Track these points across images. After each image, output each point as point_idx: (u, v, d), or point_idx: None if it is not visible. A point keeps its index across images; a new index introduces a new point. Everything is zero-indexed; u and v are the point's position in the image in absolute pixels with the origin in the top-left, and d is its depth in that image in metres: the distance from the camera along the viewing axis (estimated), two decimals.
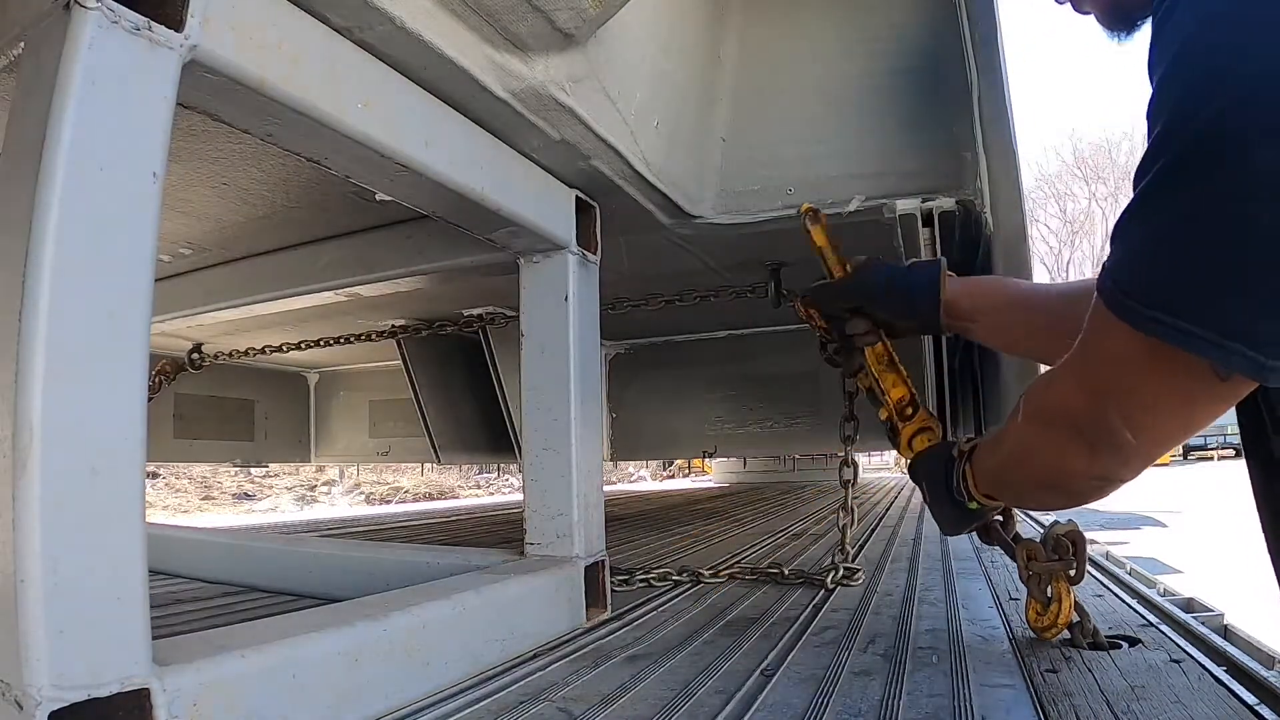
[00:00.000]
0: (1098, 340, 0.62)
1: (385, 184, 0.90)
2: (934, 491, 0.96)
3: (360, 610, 0.78)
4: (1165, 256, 0.53)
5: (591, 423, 1.15)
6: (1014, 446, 0.80)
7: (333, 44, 0.73)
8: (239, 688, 0.60)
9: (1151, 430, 0.62)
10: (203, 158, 1.19)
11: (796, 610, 1.17)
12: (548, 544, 1.11)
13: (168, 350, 2.66)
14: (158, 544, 1.57)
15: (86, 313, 0.50)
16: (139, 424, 0.53)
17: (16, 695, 0.47)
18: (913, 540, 2.02)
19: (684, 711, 0.73)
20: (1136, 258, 0.56)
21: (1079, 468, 0.69)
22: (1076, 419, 0.67)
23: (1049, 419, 0.72)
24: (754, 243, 1.55)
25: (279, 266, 1.68)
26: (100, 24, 0.51)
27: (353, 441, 3.59)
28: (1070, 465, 0.70)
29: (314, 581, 1.32)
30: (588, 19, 0.85)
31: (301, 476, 9.63)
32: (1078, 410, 0.66)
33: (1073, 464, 0.70)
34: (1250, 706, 0.69)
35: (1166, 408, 0.60)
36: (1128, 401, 0.61)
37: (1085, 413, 0.65)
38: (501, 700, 0.78)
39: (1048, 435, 0.73)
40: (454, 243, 1.35)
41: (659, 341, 3.08)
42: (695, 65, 1.27)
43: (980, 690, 0.76)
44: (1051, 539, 0.92)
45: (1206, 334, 0.50)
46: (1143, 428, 0.62)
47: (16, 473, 0.47)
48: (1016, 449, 0.80)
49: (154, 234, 0.55)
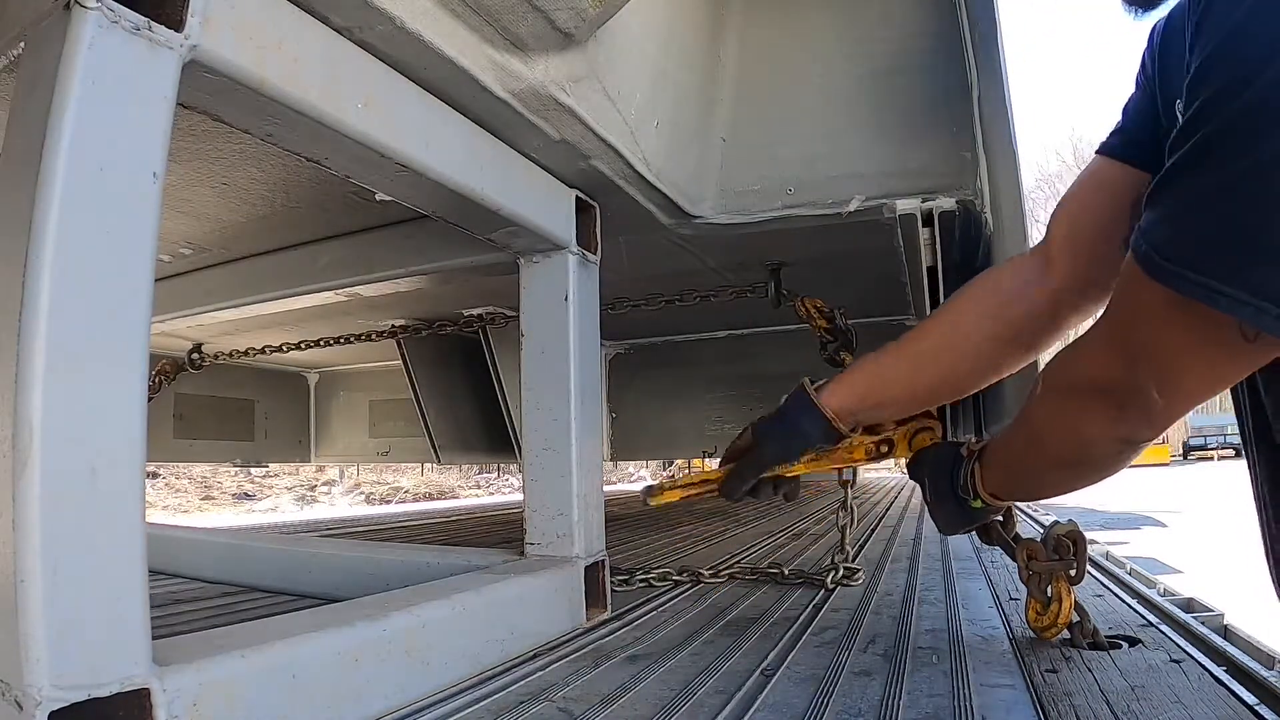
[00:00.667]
0: (1129, 300, 0.63)
1: (385, 184, 0.90)
2: (936, 488, 0.95)
3: (360, 610, 0.78)
4: (1200, 217, 0.54)
5: (591, 423, 1.15)
6: (1033, 425, 0.80)
7: (333, 44, 0.73)
8: (239, 688, 0.60)
9: (1178, 389, 0.63)
10: (203, 158, 1.19)
11: (796, 610, 1.17)
12: (548, 544, 1.11)
13: (168, 350, 2.66)
14: (158, 544, 1.57)
15: (86, 313, 0.50)
16: (139, 424, 0.53)
17: (16, 695, 0.47)
18: (913, 540, 2.02)
19: (684, 711, 0.73)
20: (1171, 219, 0.56)
21: (1103, 431, 0.70)
22: (1104, 380, 0.68)
23: (1072, 385, 0.73)
24: (754, 243, 1.55)
25: (279, 266, 1.68)
26: (100, 24, 0.51)
27: (353, 441, 3.59)
28: (1094, 430, 0.71)
29: (314, 582, 1.32)
30: (588, 19, 0.85)
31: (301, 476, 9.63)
32: (1106, 370, 0.67)
33: (1097, 428, 0.70)
34: (1250, 706, 0.69)
35: (1194, 367, 0.61)
36: (1157, 359, 0.62)
37: (1114, 372, 0.66)
38: (501, 700, 0.78)
39: (1070, 402, 0.73)
40: (454, 243, 1.35)
41: (659, 341, 3.08)
42: (695, 65, 1.27)
43: (980, 690, 0.76)
44: (1052, 539, 0.92)
45: (1236, 293, 0.51)
46: (1169, 386, 0.63)
47: (16, 472, 0.47)
48: (1036, 427, 0.80)
49: (154, 234, 0.55)
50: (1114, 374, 0.66)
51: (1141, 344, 0.63)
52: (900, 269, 1.47)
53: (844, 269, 1.78)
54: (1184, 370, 0.62)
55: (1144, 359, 0.63)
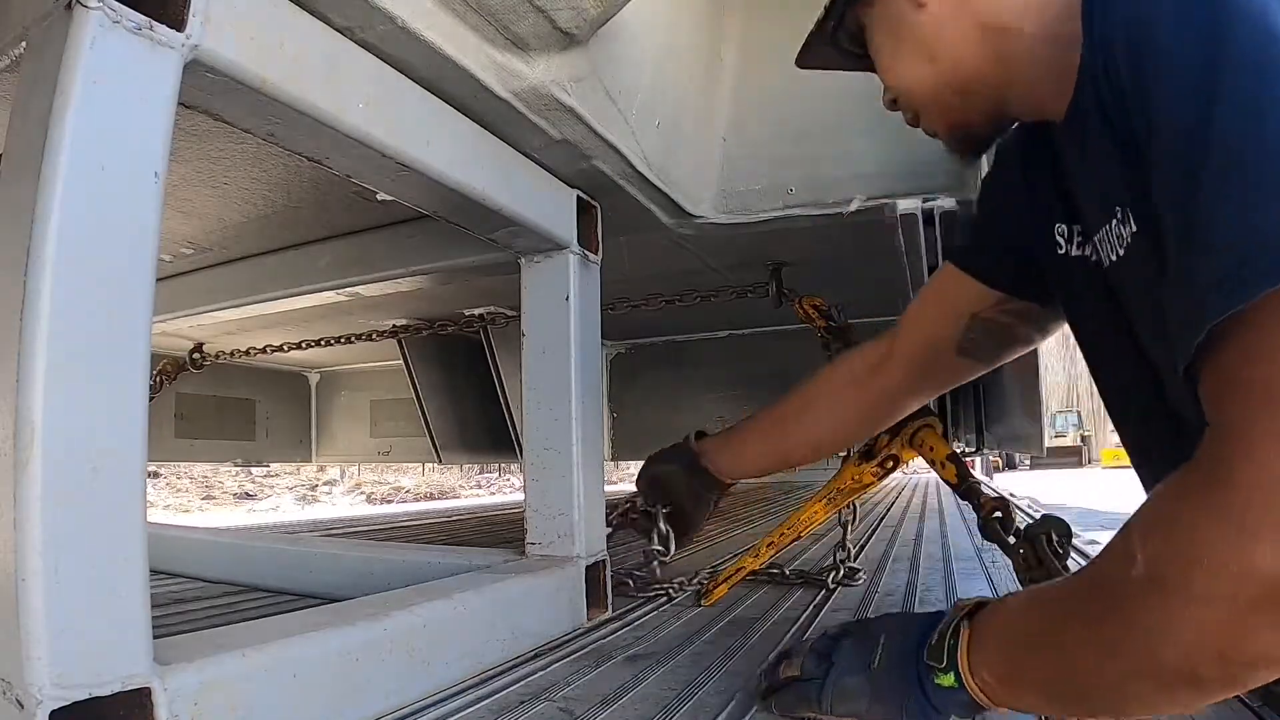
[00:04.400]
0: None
1: (387, 184, 0.90)
2: (888, 651, 0.63)
3: (361, 610, 0.78)
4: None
5: (592, 422, 1.15)
6: (1117, 619, 0.48)
7: (334, 43, 0.73)
8: (240, 687, 0.60)
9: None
10: (204, 157, 1.19)
11: (797, 610, 1.17)
12: (549, 544, 1.11)
13: (169, 350, 2.66)
14: (159, 543, 1.58)
15: (88, 312, 0.50)
16: (140, 423, 0.53)
17: (17, 694, 0.47)
18: (914, 540, 2.02)
19: (685, 711, 0.73)
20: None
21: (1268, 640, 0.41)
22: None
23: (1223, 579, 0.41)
24: (754, 242, 1.55)
25: (280, 266, 1.68)
26: (102, 24, 0.51)
27: (354, 441, 3.59)
28: (1253, 640, 0.41)
29: (315, 581, 1.32)
30: (588, 19, 0.85)
31: (302, 476, 9.65)
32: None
33: (1258, 637, 0.41)
34: (1251, 707, 0.69)
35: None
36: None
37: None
38: (502, 700, 0.78)
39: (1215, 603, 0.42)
40: (455, 243, 1.35)
41: (659, 341, 3.08)
42: (696, 65, 1.27)
43: None
44: (1029, 541, 0.92)
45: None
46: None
47: (17, 472, 0.47)
48: (1125, 621, 0.47)
49: (155, 234, 0.55)
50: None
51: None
52: (901, 269, 1.47)
53: (845, 269, 1.78)
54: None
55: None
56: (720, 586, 1.24)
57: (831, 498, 1.18)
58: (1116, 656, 0.47)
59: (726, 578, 1.26)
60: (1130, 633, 0.46)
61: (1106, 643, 0.48)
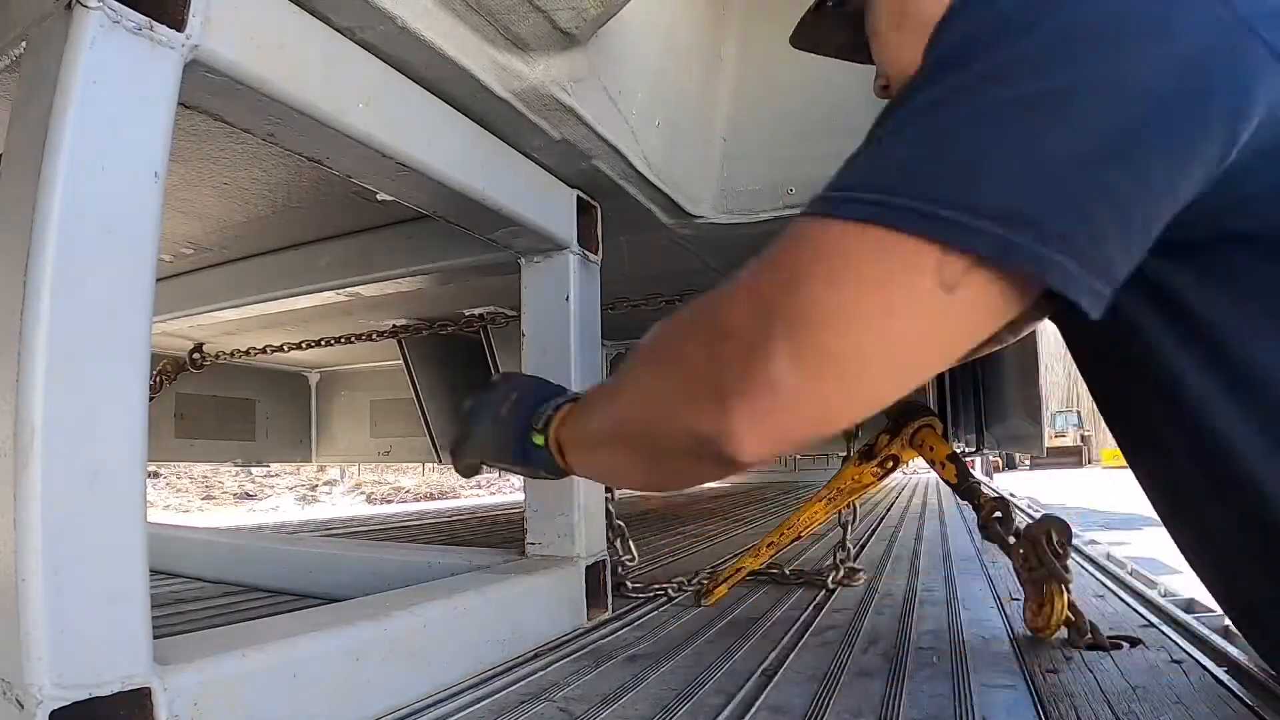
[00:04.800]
0: (787, 248, 0.50)
1: (387, 184, 0.90)
2: (513, 403, 0.72)
3: (361, 610, 0.78)
4: (912, 150, 0.49)
5: None
6: (631, 392, 0.63)
7: (334, 44, 0.73)
8: (240, 687, 0.60)
9: (835, 354, 0.45)
10: (204, 158, 1.19)
11: (797, 610, 1.17)
12: (549, 544, 1.12)
13: (169, 350, 2.66)
14: (159, 544, 1.57)
15: (88, 312, 0.50)
16: (140, 424, 0.53)
17: (18, 694, 0.47)
18: (914, 541, 2.02)
19: (684, 712, 0.73)
20: (864, 163, 0.52)
21: (704, 414, 0.49)
22: (729, 324, 0.49)
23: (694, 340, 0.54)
24: (754, 243, 1.53)
25: (280, 266, 1.68)
26: (102, 24, 0.51)
27: (354, 441, 3.59)
28: (691, 411, 0.50)
29: (315, 581, 1.32)
30: (589, 19, 0.85)
31: (302, 476, 9.64)
32: (734, 326, 0.48)
33: (696, 410, 0.50)
34: (1251, 707, 0.69)
35: (861, 317, 0.44)
36: (811, 310, 0.45)
37: (746, 328, 0.48)
38: (502, 700, 0.78)
39: (674, 369, 0.55)
40: (455, 243, 1.35)
41: None
42: (696, 64, 1.27)
43: (981, 691, 0.76)
44: (1028, 541, 0.92)
45: (959, 215, 0.43)
46: (821, 350, 0.45)
47: (18, 472, 0.47)
48: (633, 394, 0.62)
49: (155, 234, 0.55)
50: (739, 320, 0.48)
51: (792, 290, 0.46)
52: None
53: None
54: (846, 323, 0.45)
55: (791, 308, 0.46)
56: (720, 587, 1.24)
57: (831, 498, 1.18)
58: (657, 400, 0.56)
59: (726, 578, 1.26)
60: (673, 369, 0.56)
61: (648, 388, 0.60)
